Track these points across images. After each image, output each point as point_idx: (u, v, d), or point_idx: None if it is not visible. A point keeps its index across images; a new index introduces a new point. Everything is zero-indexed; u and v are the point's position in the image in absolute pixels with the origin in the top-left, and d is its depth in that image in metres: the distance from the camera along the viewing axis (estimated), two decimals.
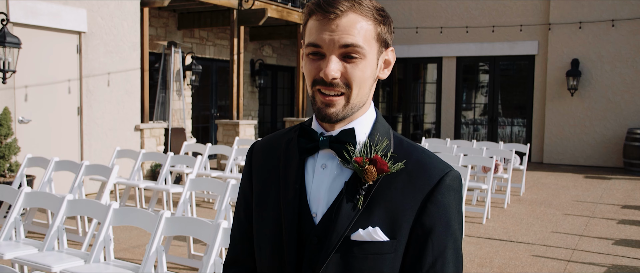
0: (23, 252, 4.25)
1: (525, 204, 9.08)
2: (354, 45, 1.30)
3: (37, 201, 4.74)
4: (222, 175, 8.24)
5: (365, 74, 1.34)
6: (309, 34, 1.35)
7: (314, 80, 1.34)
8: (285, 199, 1.39)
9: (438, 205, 1.34)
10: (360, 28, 1.31)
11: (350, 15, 1.31)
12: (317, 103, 1.35)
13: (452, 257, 1.34)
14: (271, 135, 1.56)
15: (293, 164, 1.42)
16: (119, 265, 4.02)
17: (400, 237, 1.33)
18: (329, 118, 1.35)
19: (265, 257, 1.43)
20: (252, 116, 15.08)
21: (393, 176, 1.35)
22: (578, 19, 13.74)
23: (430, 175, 1.35)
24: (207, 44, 13.39)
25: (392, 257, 1.33)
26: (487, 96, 15.42)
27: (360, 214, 1.33)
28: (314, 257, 1.34)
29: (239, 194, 1.57)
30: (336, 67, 1.31)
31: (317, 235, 1.35)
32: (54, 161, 6.48)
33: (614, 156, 13.62)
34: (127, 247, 6.27)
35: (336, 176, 1.37)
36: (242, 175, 1.58)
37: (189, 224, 3.88)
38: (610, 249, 6.41)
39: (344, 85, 1.33)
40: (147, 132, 10.26)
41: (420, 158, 1.38)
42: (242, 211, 1.54)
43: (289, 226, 1.37)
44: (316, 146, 1.38)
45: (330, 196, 1.37)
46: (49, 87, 8.58)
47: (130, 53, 9.86)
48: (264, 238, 1.44)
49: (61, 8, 8.56)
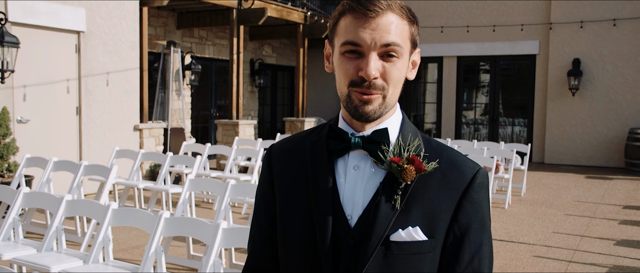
0: (22, 252, 4.23)
1: (526, 204, 9.06)
2: (394, 44, 1.30)
3: (36, 201, 4.72)
4: (222, 175, 8.22)
5: (401, 74, 1.35)
6: (344, 32, 1.33)
7: (352, 81, 1.32)
8: (317, 202, 1.37)
9: (473, 203, 1.36)
10: (397, 27, 1.31)
11: (389, 14, 1.30)
12: (354, 101, 1.33)
13: (488, 253, 1.37)
14: (290, 137, 1.54)
15: (322, 166, 1.40)
16: (118, 266, 4.01)
17: (438, 236, 1.34)
18: (366, 116, 1.34)
19: (295, 262, 1.40)
20: (251, 116, 15.06)
21: (428, 175, 1.35)
22: (579, 18, 13.72)
23: (464, 173, 1.37)
24: (207, 43, 13.37)
25: (431, 256, 1.34)
26: (488, 95, 15.41)
27: (398, 214, 1.33)
28: (352, 260, 1.33)
29: (258, 199, 1.53)
30: (376, 66, 1.30)
31: (353, 238, 1.34)
32: (53, 161, 6.46)
33: (615, 157, 13.60)
34: (126, 247, 6.25)
35: (370, 178, 1.37)
36: (260, 179, 1.55)
37: (188, 224, 3.86)
38: (611, 250, 6.39)
39: (382, 84, 1.32)
40: (146, 132, 10.24)
41: (451, 157, 1.40)
42: (262, 217, 1.51)
43: (322, 230, 1.35)
44: (347, 146, 1.37)
45: (365, 198, 1.35)
46: (48, 87, 8.55)
47: (129, 53, 9.83)
48: (293, 243, 1.41)
49: (60, 7, 8.53)
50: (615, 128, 13.54)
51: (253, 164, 8.84)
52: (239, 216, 7.78)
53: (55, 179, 7.18)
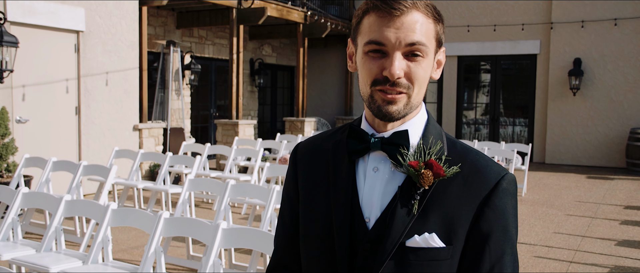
0: (20, 252, 4.23)
1: (527, 204, 9.04)
2: (419, 43, 1.28)
3: (35, 201, 4.73)
4: (222, 175, 8.21)
5: (426, 73, 1.32)
6: (368, 30, 1.31)
7: (375, 80, 1.30)
8: (336, 203, 1.36)
9: (495, 210, 1.31)
10: (422, 26, 1.29)
11: (414, 13, 1.28)
12: (378, 100, 1.31)
13: (510, 262, 1.32)
14: (316, 136, 1.53)
15: (343, 166, 1.38)
16: (117, 266, 4.00)
17: (457, 243, 1.31)
18: (390, 116, 1.31)
19: (314, 262, 1.40)
20: (251, 116, 15.04)
21: (448, 180, 1.31)
22: (580, 18, 13.70)
23: (487, 179, 1.33)
24: (206, 43, 13.35)
25: (448, 263, 1.30)
26: (489, 95, 15.39)
27: (415, 219, 1.30)
28: (368, 264, 1.31)
29: (283, 198, 1.53)
30: (401, 65, 1.28)
31: (370, 241, 1.32)
32: (52, 161, 6.46)
33: (616, 157, 13.58)
34: (126, 247, 6.24)
35: (389, 180, 1.34)
36: (285, 177, 1.54)
37: (187, 225, 3.86)
38: (612, 250, 6.38)
39: (407, 84, 1.30)
40: (145, 132, 10.22)
41: (475, 161, 1.35)
42: (286, 215, 1.51)
43: (340, 231, 1.34)
44: (367, 147, 1.35)
45: (383, 201, 1.33)
46: (47, 86, 8.53)
47: (128, 52, 9.81)
48: (313, 243, 1.41)
49: (59, 7, 8.51)
50: (616, 127, 13.52)
51: (253, 165, 8.82)
52: (238, 216, 7.77)
53: (54, 179, 7.17)
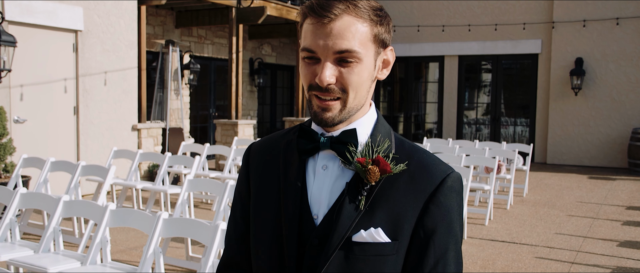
0: (18, 253, 4.24)
1: (528, 205, 9.03)
2: (348, 50, 1.28)
3: (33, 202, 4.74)
4: (221, 175, 8.21)
5: (361, 78, 1.32)
6: (304, 37, 1.33)
7: (310, 85, 1.33)
8: (286, 200, 1.38)
9: (440, 207, 1.34)
10: (355, 31, 1.28)
11: (345, 18, 1.28)
12: (314, 107, 1.35)
13: (454, 258, 1.35)
14: (269, 136, 1.56)
15: (293, 165, 1.41)
16: (115, 267, 4.02)
17: (402, 238, 1.33)
18: (325, 122, 1.34)
19: (264, 258, 1.42)
20: (251, 116, 15.02)
21: (395, 177, 1.34)
22: (582, 17, 13.68)
23: (432, 176, 1.35)
24: (206, 42, 13.33)
25: (393, 258, 1.33)
26: (490, 95, 15.37)
27: (362, 215, 1.32)
28: (315, 259, 1.34)
29: (235, 195, 1.56)
30: (331, 73, 1.29)
31: (317, 236, 1.34)
32: (50, 161, 6.47)
33: (618, 157, 13.56)
34: (124, 248, 6.23)
35: (337, 177, 1.37)
36: (238, 175, 1.58)
37: (187, 225, 3.86)
38: (614, 251, 6.37)
39: (340, 90, 1.31)
40: (144, 132, 10.20)
41: (422, 159, 1.38)
42: (238, 212, 1.53)
43: (289, 227, 1.36)
44: (316, 146, 1.37)
45: (331, 198, 1.36)
46: (45, 86, 8.51)
47: (127, 52, 9.78)
48: (262, 240, 1.43)
49: (57, 6, 8.48)
50: (618, 127, 13.50)
51: None
52: None
53: (52, 179, 7.17)
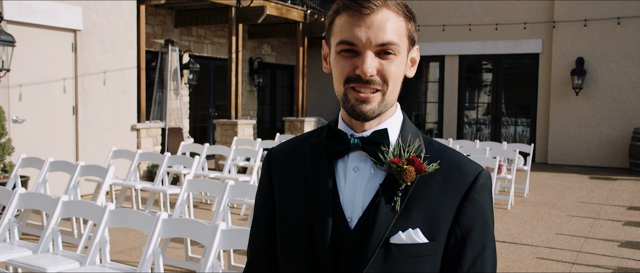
0: (17, 254, 4.24)
1: (529, 205, 9.01)
2: (390, 42, 1.29)
3: (32, 202, 4.74)
4: (220, 175, 8.20)
5: (399, 71, 1.34)
6: (339, 30, 1.32)
7: (348, 78, 1.32)
8: (317, 205, 1.36)
9: (475, 204, 1.34)
10: (393, 25, 1.30)
11: (384, 11, 1.30)
12: (351, 100, 1.33)
13: (491, 256, 1.36)
14: (289, 140, 1.54)
15: (322, 168, 1.39)
16: (115, 268, 4.02)
17: (439, 238, 1.33)
18: (364, 115, 1.33)
19: (294, 265, 1.40)
20: (250, 116, 15.00)
21: (428, 177, 1.34)
22: (583, 16, 13.66)
23: (466, 175, 1.36)
24: (205, 42, 13.31)
25: (432, 258, 1.33)
26: (491, 95, 15.34)
27: (398, 216, 1.32)
28: (352, 263, 1.32)
29: (257, 202, 1.53)
30: (373, 63, 1.29)
31: (353, 240, 1.33)
32: (49, 161, 6.47)
33: (619, 157, 13.54)
34: (124, 249, 6.22)
35: (370, 179, 1.35)
36: (259, 183, 1.54)
37: (186, 226, 3.86)
38: (615, 251, 6.36)
39: (381, 81, 1.31)
40: (143, 132, 10.18)
41: (453, 158, 1.38)
42: (262, 220, 1.50)
43: (322, 233, 1.34)
44: (347, 148, 1.36)
45: (365, 200, 1.34)
46: (44, 86, 8.48)
47: (126, 51, 9.75)
48: (292, 247, 1.41)
49: (56, 5, 8.45)
50: (619, 127, 13.48)
51: (252, 165, 8.82)
52: (237, 217, 7.74)
53: (51, 179, 7.15)
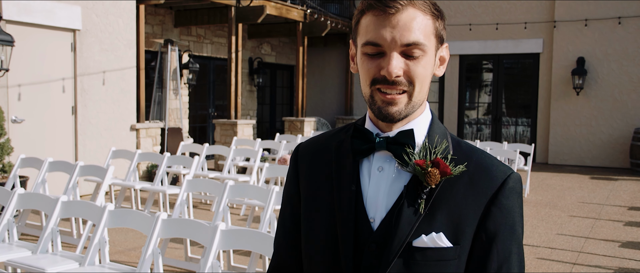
0: (16, 254, 4.23)
1: (529, 205, 9.00)
2: (416, 43, 1.27)
3: (31, 202, 4.74)
4: (220, 175, 8.19)
5: (426, 71, 1.31)
6: (365, 31, 1.30)
7: (374, 79, 1.30)
8: (340, 204, 1.35)
9: (502, 209, 1.31)
10: (420, 23, 1.28)
11: (410, 10, 1.27)
12: (377, 102, 1.31)
13: (517, 262, 1.32)
14: (317, 136, 1.53)
15: (347, 167, 1.37)
16: (114, 268, 4.01)
17: (464, 242, 1.30)
18: (391, 117, 1.31)
19: (317, 264, 1.39)
20: (250, 116, 14.98)
21: (454, 179, 1.31)
22: (584, 16, 13.64)
23: (493, 178, 1.32)
24: (205, 41, 13.29)
25: (455, 263, 1.30)
26: (491, 95, 15.33)
27: (421, 219, 1.29)
28: (373, 264, 1.30)
29: (284, 199, 1.52)
30: (399, 64, 1.27)
31: (375, 241, 1.31)
32: (48, 161, 6.47)
33: (620, 157, 13.51)
34: (123, 249, 6.21)
35: (394, 180, 1.33)
36: (286, 178, 1.53)
37: (186, 226, 3.86)
38: (616, 252, 6.35)
39: (407, 82, 1.29)
40: (143, 132, 10.16)
41: (481, 160, 1.35)
42: (287, 217, 1.50)
43: (345, 232, 1.33)
44: (372, 147, 1.34)
45: (388, 201, 1.32)
46: (43, 86, 8.46)
47: (125, 51, 9.73)
48: (315, 245, 1.39)
49: (55, 5, 8.43)
50: (620, 127, 13.46)
51: (252, 165, 8.81)
52: (237, 217, 7.72)
53: (50, 180, 7.13)
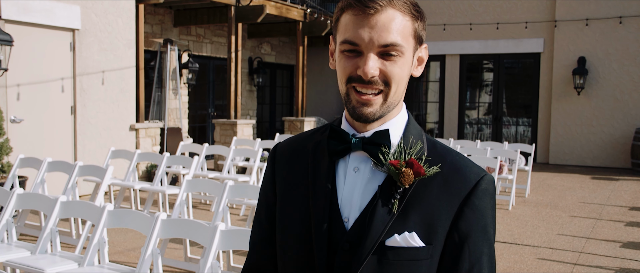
0: (15, 255, 4.24)
1: (530, 206, 8.99)
2: (394, 44, 1.27)
3: (30, 202, 4.75)
4: (220, 175, 8.19)
5: (403, 72, 1.32)
6: (343, 29, 1.31)
7: (350, 77, 1.30)
8: (315, 203, 1.35)
9: (475, 210, 1.32)
10: (399, 24, 1.29)
11: (389, 11, 1.28)
12: (352, 101, 1.31)
13: (488, 263, 1.33)
14: (295, 137, 1.53)
15: (323, 167, 1.38)
16: (113, 269, 4.02)
17: (436, 243, 1.31)
18: (365, 117, 1.31)
19: (291, 263, 1.39)
20: (250, 116, 14.97)
21: (428, 180, 1.32)
22: (585, 15, 13.63)
23: (467, 179, 1.33)
24: (204, 41, 13.27)
25: (428, 263, 1.31)
26: (492, 94, 15.32)
27: (395, 219, 1.30)
28: (346, 263, 1.31)
29: (260, 197, 1.53)
30: (375, 65, 1.28)
31: (349, 241, 1.32)
32: (47, 161, 6.47)
33: (621, 157, 13.50)
34: (122, 249, 6.21)
35: (369, 180, 1.34)
36: (263, 177, 1.55)
37: (185, 226, 3.86)
38: (617, 252, 6.35)
39: (382, 83, 1.30)
40: (142, 132, 10.14)
41: (455, 162, 1.36)
42: (263, 216, 1.50)
43: (318, 231, 1.33)
44: (348, 147, 1.35)
45: (363, 201, 1.33)
46: (42, 86, 8.45)
47: (125, 51, 9.71)
48: (289, 243, 1.40)
49: (54, 5, 8.41)
50: (621, 127, 13.45)
51: (251, 165, 8.80)
52: (237, 218, 7.71)
53: (49, 180, 7.14)
